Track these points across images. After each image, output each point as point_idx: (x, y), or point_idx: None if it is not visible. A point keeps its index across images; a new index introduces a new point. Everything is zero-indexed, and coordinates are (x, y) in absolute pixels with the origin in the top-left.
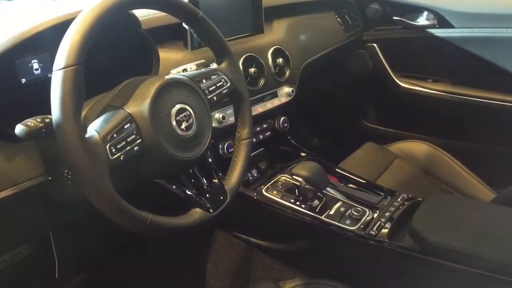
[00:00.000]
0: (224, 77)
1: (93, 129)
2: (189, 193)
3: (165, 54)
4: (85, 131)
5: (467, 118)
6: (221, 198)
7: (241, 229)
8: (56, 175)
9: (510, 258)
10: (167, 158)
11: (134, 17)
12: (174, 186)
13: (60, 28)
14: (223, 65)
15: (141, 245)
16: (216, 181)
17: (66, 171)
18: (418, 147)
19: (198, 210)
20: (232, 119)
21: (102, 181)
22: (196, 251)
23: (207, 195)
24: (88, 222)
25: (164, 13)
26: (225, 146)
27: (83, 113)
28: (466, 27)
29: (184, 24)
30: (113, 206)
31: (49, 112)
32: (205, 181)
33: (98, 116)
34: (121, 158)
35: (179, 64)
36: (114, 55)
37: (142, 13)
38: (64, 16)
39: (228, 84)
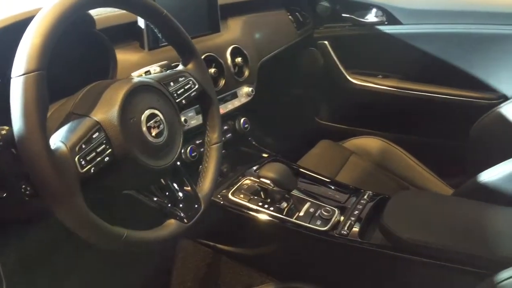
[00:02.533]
0: (192, 79)
1: (58, 140)
2: (162, 203)
3: (121, 56)
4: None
5: (417, 113)
6: (196, 206)
7: (207, 235)
8: (12, 192)
9: (482, 251)
10: (139, 168)
11: (88, 15)
12: (146, 197)
13: (16, 29)
14: (190, 66)
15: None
16: (189, 189)
17: (23, 186)
18: (372, 143)
19: (173, 221)
20: (194, 122)
21: (73, 197)
22: (160, 261)
23: (181, 205)
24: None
25: (117, 12)
26: (188, 151)
27: None
28: (414, 23)
29: (141, 23)
30: (85, 224)
31: (2, 123)
32: (178, 190)
33: (61, 125)
34: (92, 171)
35: (138, 66)
36: (68, 58)
37: (94, 12)
38: (20, 15)
39: (196, 86)
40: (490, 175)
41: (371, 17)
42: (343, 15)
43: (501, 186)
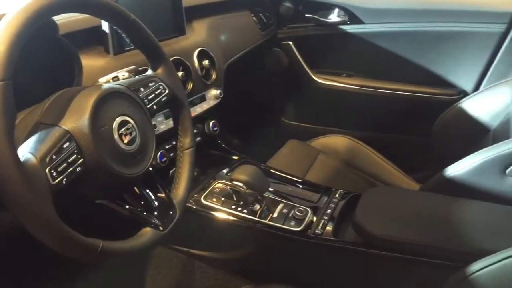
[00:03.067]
0: (162, 83)
1: (27, 152)
2: (136, 212)
3: (86, 61)
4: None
5: (382, 110)
6: (171, 213)
7: (180, 241)
8: None
9: (452, 244)
10: (112, 176)
11: (51, 21)
12: (119, 206)
13: None
14: (159, 70)
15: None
16: (163, 195)
17: None
18: (338, 141)
19: (148, 229)
20: (163, 127)
21: (45, 210)
22: (132, 270)
23: (156, 212)
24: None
25: (80, 16)
26: (158, 156)
27: None
28: (376, 22)
29: (105, 27)
30: (59, 237)
31: None
32: (152, 197)
33: (29, 136)
34: (64, 182)
35: (104, 72)
36: (31, 65)
37: (57, 17)
38: None
39: (167, 91)
40: (455, 170)
41: (334, 17)
42: (306, 15)
43: (467, 179)
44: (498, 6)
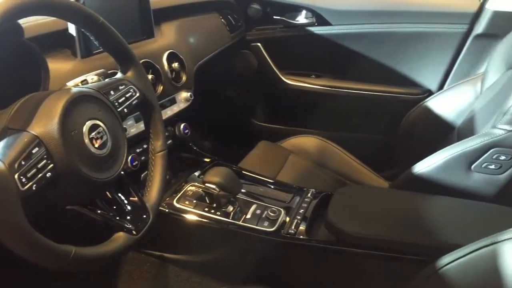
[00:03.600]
0: (133, 86)
1: None
2: (108, 216)
3: (53, 65)
4: None
5: (351, 110)
6: (144, 217)
7: (153, 245)
8: None
9: (422, 239)
10: (84, 181)
11: (16, 24)
12: (91, 211)
13: None
14: (129, 73)
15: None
16: (136, 199)
17: None
18: (309, 142)
19: (121, 234)
20: (134, 130)
21: (15, 217)
22: (104, 277)
23: (129, 217)
24: None
25: (46, 19)
26: (129, 160)
27: None
28: (343, 24)
29: (72, 30)
30: (30, 244)
31: None
32: (124, 201)
33: None
34: (34, 188)
35: (72, 75)
36: None
37: (22, 20)
38: None
39: (138, 94)
40: (422, 167)
41: (302, 18)
42: (274, 17)
43: (434, 176)
44: (460, 7)
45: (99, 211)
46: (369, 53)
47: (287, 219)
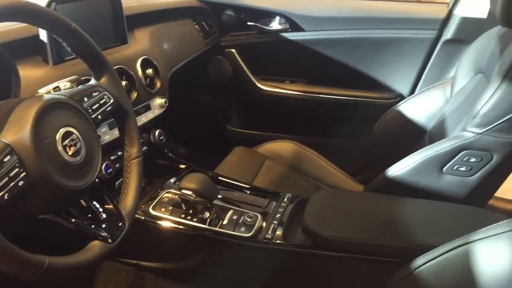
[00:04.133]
0: (107, 93)
1: None
2: (83, 225)
3: (24, 72)
4: None
5: (325, 115)
6: (119, 224)
7: (129, 253)
8: None
9: (397, 241)
10: (57, 190)
11: None
12: (65, 220)
13: None
14: (103, 80)
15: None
16: (111, 207)
17: None
18: (284, 147)
19: (97, 242)
20: (108, 137)
21: None
22: (79, 287)
23: (104, 225)
24: None
25: (17, 25)
26: (103, 167)
27: None
28: (316, 30)
29: (43, 37)
30: (1, 254)
31: None
32: (99, 209)
33: None
34: (5, 197)
35: (44, 82)
36: None
37: None
38: None
39: (112, 101)
40: (396, 170)
41: (275, 24)
42: (248, 23)
43: (407, 179)
44: (429, 13)
45: (73, 220)
46: (342, 58)
47: (264, 224)
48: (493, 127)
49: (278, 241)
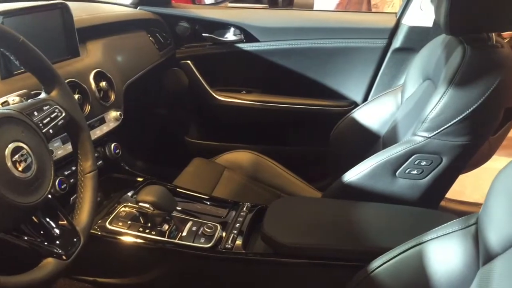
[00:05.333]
0: (58, 106)
1: None
2: (36, 242)
3: None
4: None
5: (282, 124)
6: (74, 240)
7: (86, 270)
8: None
9: (354, 244)
10: (7, 206)
11: None
12: (16, 238)
13: None
14: (53, 93)
15: None
16: (65, 223)
17: None
18: (242, 156)
19: (50, 259)
20: (60, 152)
21: None
22: None
23: (58, 241)
24: None
25: None
26: (57, 183)
27: None
28: (270, 40)
29: None
30: None
31: None
32: (53, 225)
33: None
34: None
35: None
36: None
37: None
38: None
39: (63, 114)
40: (351, 175)
41: (230, 35)
42: (203, 34)
43: (362, 183)
44: (379, 22)
45: (25, 237)
46: (297, 68)
47: (224, 234)
48: (441, 131)
49: (238, 251)
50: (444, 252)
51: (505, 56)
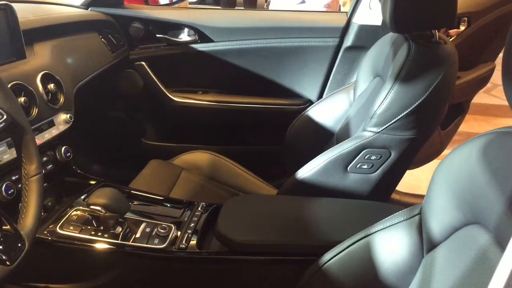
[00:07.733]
0: None
1: None
2: None
3: None
4: None
5: (238, 123)
6: (19, 245)
7: (36, 276)
8: None
9: (305, 239)
10: None
11: None
12: None
13: None
14: None
15: None
16: (8, 227)
17: None
18: (200, 157)
19: None
20: (7, 157)
21: None
22: None
23: (1, 246)
24: None
25: None
26: (4, 189)
27: None
28: (224, 40)
29: None
30: None
31: None
32: None
33: None
34: None
35: None
36: None
37: None
38: None
39: (4, 117)
40: (305, 171)
41: (185, 36)
42: (157, 35)
43: (315, 179)
44: (331, 22)
45: None
46: (252, 67)
47: (178, 234)
48: (389, 125)
49: (192, 250)
50: (390, 242)
51: (447, 52)
